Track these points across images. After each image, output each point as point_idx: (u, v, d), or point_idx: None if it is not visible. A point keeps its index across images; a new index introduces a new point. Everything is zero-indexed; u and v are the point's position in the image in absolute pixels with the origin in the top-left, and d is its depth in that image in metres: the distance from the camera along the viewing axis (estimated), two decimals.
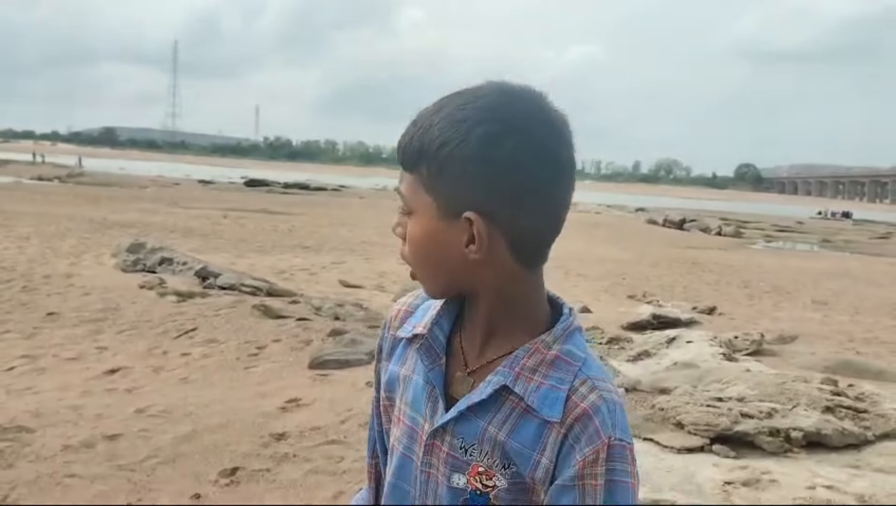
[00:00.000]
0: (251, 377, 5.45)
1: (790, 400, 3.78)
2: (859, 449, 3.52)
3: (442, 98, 0.91)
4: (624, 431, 0.88)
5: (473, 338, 0.97)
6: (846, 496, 3.06)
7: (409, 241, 0.93)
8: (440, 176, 0.88)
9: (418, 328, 1.00)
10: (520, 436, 0.90)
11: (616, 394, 0.91)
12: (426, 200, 0.90)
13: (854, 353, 7.40)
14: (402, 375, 1.02)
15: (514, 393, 0.90)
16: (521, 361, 0.91)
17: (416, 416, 0.98)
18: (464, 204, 0.87)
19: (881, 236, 35.90)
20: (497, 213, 0.87)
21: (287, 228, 18.75)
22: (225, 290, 8.41)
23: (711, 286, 13.27)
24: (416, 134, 0.90)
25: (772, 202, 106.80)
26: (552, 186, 0.89)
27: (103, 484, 3.69)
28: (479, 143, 0.86)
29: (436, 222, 0.90)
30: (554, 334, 0.92)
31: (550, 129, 0.89)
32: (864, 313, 10.99)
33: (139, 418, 4.51)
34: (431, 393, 0.96)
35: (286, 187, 42.59)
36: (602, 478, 0.86)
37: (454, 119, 0.87)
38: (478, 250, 0.88)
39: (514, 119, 0.87)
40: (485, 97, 0.88)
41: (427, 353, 0.98)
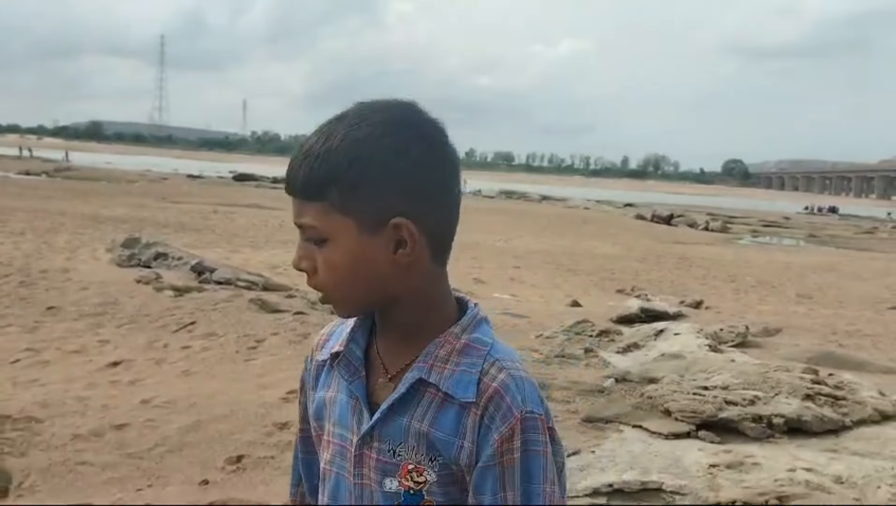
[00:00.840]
0: (251, 370, 5.59)
1: (772, 388, 3.96)
2: (837, 434, 3.70)
3: (324, 126, 0.95)
4: (534, 403, 0.92)
5: (389, 344, 1.00)
6: (824, 478, 3.23)
7: (327, 268, 0.94)
8: (356, 194, 0.90)
9: (336, 347, 1.03)
10: (441, 425, 0.93)
11: (523, 371, 0.95)
12: (343, 222, 0.91)
13: (837, 345, 7.60)
14: (328, 399, 1.04)
15: (430, 384, 0.94)
16: (434, 354, 0.95)
17: (343, 432, 1.00)
18: (387, 213, 0.91)
19: (867, 231, 36.31)
20: (418, 213, 0.92)
21: (278, 224, 18.84)
22: (221, 285, 8.53)
23: (699, 281, 13.49)
24: (315, 163, 0.91)
25: (759, 197, 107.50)
26: (453, 183, 0.96)
27: (114, 471, 3.83)
28: (389, 153, 0.90)
29: (359, 240, 0.92)
30: (461, 325, 0.97)
31: (439, 131, 0.96)
32: (848, 307, 11.23)
33: (145, 408, 4.65)
34: (355, 405, 0.99)
35: (275, 182, 42.59)
36: (518, 452, 0.91)
37: (354, 139, 0.91)
38: (410, 252, 0.92)
39: (411, 127, 0.93)
40: (374, 113, 0.93)
41: (346, 367, 1.00)
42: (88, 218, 15.20)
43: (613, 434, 3.97)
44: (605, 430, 4.08)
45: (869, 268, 17.93)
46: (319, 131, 0.94)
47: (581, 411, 4.40)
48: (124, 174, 40.82)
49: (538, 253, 15.87)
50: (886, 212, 61.73)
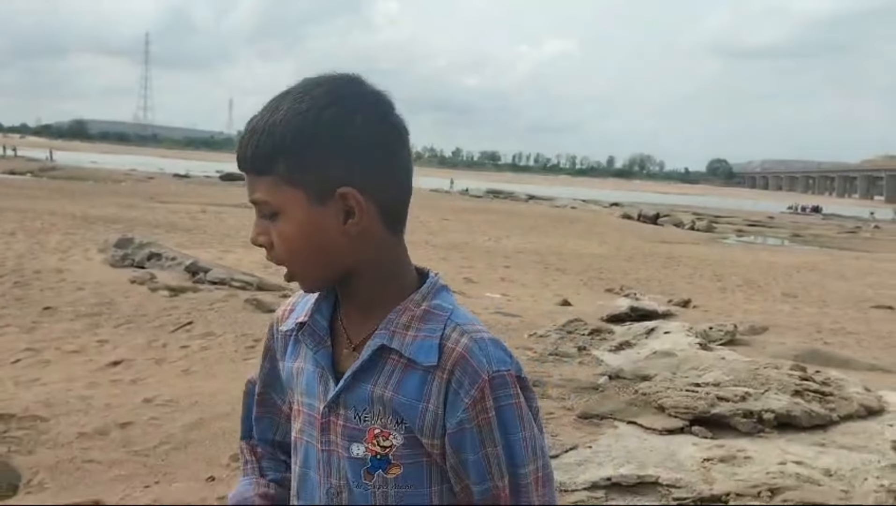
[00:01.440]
0: (251, 369, 5.64)
1: (762, 385, 4.09)
2: (825, 429, 3.84)
3: (270, 101, 0.96)
4: (500, 361, 0.95)
5: (352, 314, 1.02)
6: (814, 471, 3.36)
7: (282, 241, 0.96)
8: (302, 165, 0.92)
9: (300, 318, 1.05)
10: (405, 389, 0.95)
11: (485, 333, 0.97)
12: (292, 193, 0.93)
13: (822, 343, 7.77)
14: (295, 369, 1.06)
15: (393, 351, 0.96)
16: (395, 321, 0.97)
17: (311, 401, 1.02)
18: (333, 183, 0.93)
19: (849, 231, 36.71)
20: (365, 183, 0.93)
21: None
22: (215, 284, 8.58)
23: (686, 280, 13.65)
24: (262, 137, 0.93)
25: (743, 197, 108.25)
26: (401, 151, 0.98)
27: (121, 468, 3.91)
28: (332, 123, 0.92)
29: (308, 210, 0.93)
30: (422, 293, 0.99)
31: (384, 102, 0.97)
32: (832, 306, 11.42)
33: (148, 407, 4.72)
34: (322, 375, 1.01)
35: None
36: (492, 411, 0.93)
37: (298, 111, 0.92)
38: (358, 221, 0.94)
39: (354, 98, 0.94)
40: (317, 87, 0.95)
41: (311, 337, 1.02)
42: (79, 218, 15.18)
43: (609, 430, 4.09)
44: (601, 426, 4.20)
45: (852, 267, 18.18)
46: (265, 107, 0.96)
47: (576, 407, 4.51)
48: (110, 174, 40.59)
49: (527, 252, 15.99)
50: (869, 211, 62.39)
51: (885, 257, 22.05)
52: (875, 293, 12.95)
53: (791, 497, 3.15)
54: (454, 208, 30.90)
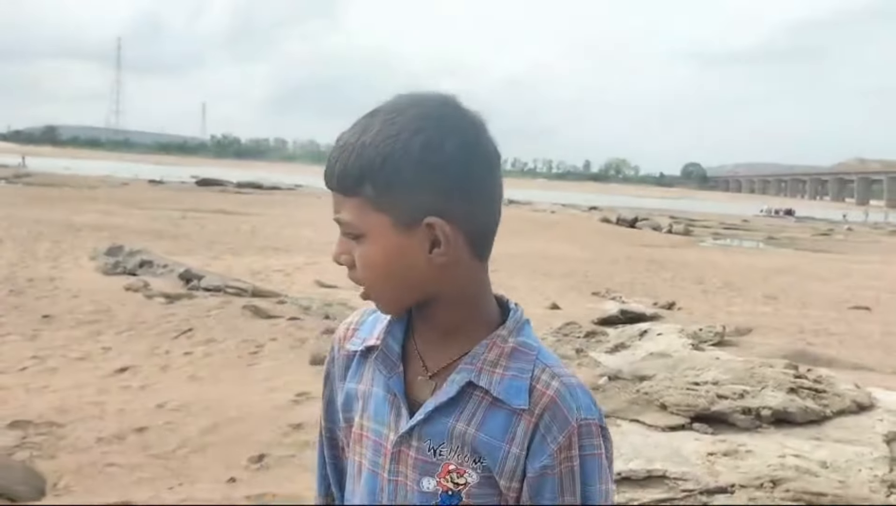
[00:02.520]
0: (256, 374, 5.77)
1: (759, 383, 4.28)
2: (820, 424, 4.04)
3: (360, 120, 0.93)
4: (588, 409, 0.93)
5: (430, 342, 0.98)
6: (811, 463, 3.55)
7: (364, 264, 0.93)
8: (390, 190, 0.89)
9: (370, 340, 1.01)
10: (488, 428, 0.92)
11: (573, 377, 0.96)
12: (378, 218, 0.90)
13: (806, 344, 8.03)
14: (361, 391, 1.02)
15: (478, 387, 0.93)
16: (482, 357, 0.94)
17: (379, 428, 0.98)
18: (420, 211, 0.89)
19: (823, 233, 37.40)
20: (453, 212, 0.90)
21: (249, 229, 18.89)
22: (210, 291, 8.66)
23: (668, 283, 13.91)
24: (350, 158, 0.91)
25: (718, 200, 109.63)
26: (491, 179, 0.94)
27: (142, 471, 4.01)
28: (421, 150, 0.88)
29: (394, 237, 0.90)
30: (508, 328, 0.96)
31: (476, 126, 0.93)
32: (812, 307, 11.73)
33: (161, 412, 4.81)
34: (393, 401, 0.97)
35: (239, 187, 42.33)
36: (576, 459, 0.91)
37: (388, 134, 0.89)
38: (445, 252, 0.90)
39: (446, 122, 0.91)
40: (408, 108, 0.91)
41: (383, 362, 0.99)
42: (64, 226, 15.12)
43: (612, 428, 4.25)
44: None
45: (828, 269, 18.60)
46: (355, 125, 0.93)
47: None
48: (86, 180, 40.25)
49: (512, 257, 16.16)
50: (842, 214, 63.51)
51: (859, 259, 22.56)
52: (853, 295, 13.30)
53: (792, 487, 3.34)
54: None
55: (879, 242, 33.57)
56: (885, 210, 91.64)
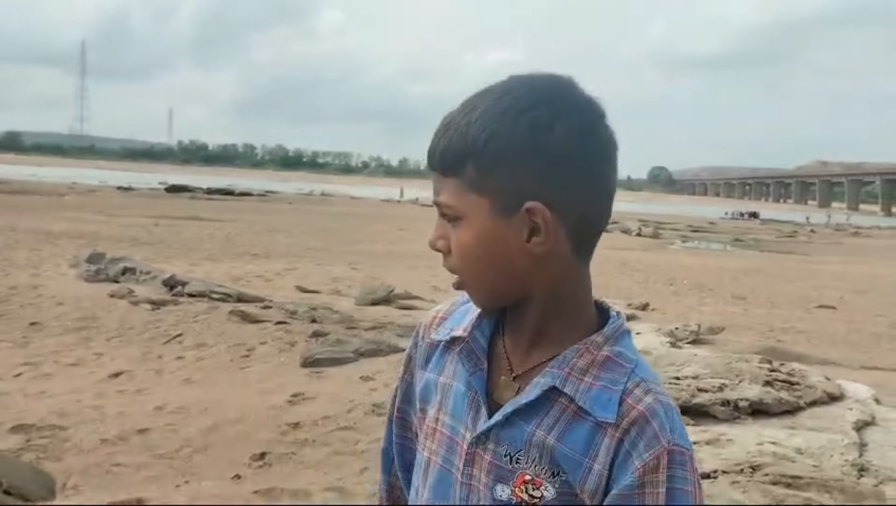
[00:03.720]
0: (250, 377, 5.90)
1: (736, 376, 4.54)
2: (794, 414, 4.30)
3: (469, 98, 0.89)
4: (682, 436, 0.85)
5: (519, 341, 0.92)
6: (787, 450, 3.80)
7: (459, 249, 0.88)
8: (491, 171, 0.85)
9: (457, 331, 0.96)
10: (570, 440, 0.85)
11: (670, 399, 0.87)
12: (477, 200, 0.86)
13: (776, 340, 8.36)
14: (440, 383, 0.96)
15: (563, 394, 0.86)
16: (571, 362, 0.87)
17: (455, 425, 0.93)
18: (522, 195, 0.84)
19: (787, 235, 38.24)
20: (557, 200, 0.84)
21: (224, 236, 18.89)
22: (195, 297, 8.74)
23: (640, 285, 14.23)
24: (454, 136, 0.86)
25: (684, 203, 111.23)
26: (603, 168, 0.87)
27: (148, 471, 4.14)
28: (529, 130, 0.83)
29: (492, 221, 0.85)
30: (604, 335, 0.88)
31: (593, 111, 0.87)
32: (780, 306, 12.11)
33: (160, 414, 4.94)
34: (473, 399, 0.91)
35: (210, 193, 42.11)
36: (663, 486, 0.82)
37: (496, 112, 0.84)
38: (544, 241, 0.85)
39: (558, 103, 0.85)
40: (519, 87, 0.86)
41: (468, 357, 0.93)
42: (41, 234, 15.01)
43: None
44: None
45: (794, 270, 19.11)
46: (464, 103, 0.88)
47: None
48: (53, 187, 39.76)
49: None
50: (805, 216, 64.88)
51: (823, 260, 23.18)
52: (818, 294, 13.73)
53: (770, 472, 3.57)
54: (409, 218, 31.22)
55: (842, 243, 34.46)
56: (847, 212, 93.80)
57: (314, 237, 20.14)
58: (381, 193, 61.50)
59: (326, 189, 62.74)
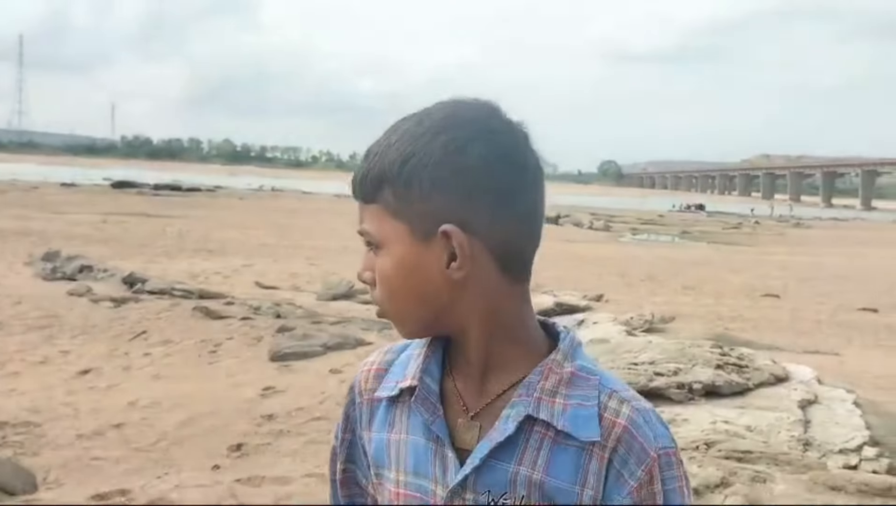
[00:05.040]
0: (219, 371, 5.99)
1: (689, 361, 4.81)
2: (743, 395, 4.59)
3: (393, 125, 0.86)
4: (665, 436, 0.83)
5: (469, 378, 0.87)
6: (738, 428, 4.08)
7: (380, 279, 0.84)
8: (407, 195, 0.82)
9: (405, 382, 0.89)
10: (557, 470, 0.81)
11: (645, 401, 0.85)
12: (395, 226, 0.83)
13: (724, 328, 8.73)
14: (393, 442, 0.89)
15: (539, 421, 0.81)
16: (538, 386, 0.82)
17: (422, 483, 0.86)
18: (438, 218, 0.81)
19: (733, 227, 39.29)
20: (474, 222, 0.81)
21: (175, 232, 18.70)
22: (155, 294, 8.75)
23: (594, 276, 14.59)
24: (373, 161, 0.84)
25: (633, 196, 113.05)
26: (524, 191, 0.84)
27: (128, 463, 4.23)
28: (443, 150, 0.81)
29: (410, 247, 0.82)
30: (562, 352, 0.84)
31: (511, 133, 0.85)
32: (727, 296, 12.58)
33: (134, 409, 5.01)
34: (438, 449, 0.85)
35: (157, 189, 41.40)
36: (659, 495, 0.82)
37: (413, 134, 0.83)
38: (461, 266, 0.81)
39: (475, 124, 0.83)
40: (439, 111, 0.85)
41: (423, 404, 0.87)
42: None
43: None
44: None
45: (739, 261, 19.75)
46: (388, 129, 0.86)
47: None
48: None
49: None
50: (750, 208, 66.60)
51: (767, 251, 23.97)
52: (763, 284, 14.26)
53: (723, 448, 3.84)
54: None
55: (785, 234, 35.56)
56: (790, 204, 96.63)
57: (268, 233, 20.08)
58: (333, 188, 61.17)
59: (277, 184, 62.20)
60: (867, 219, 64.00)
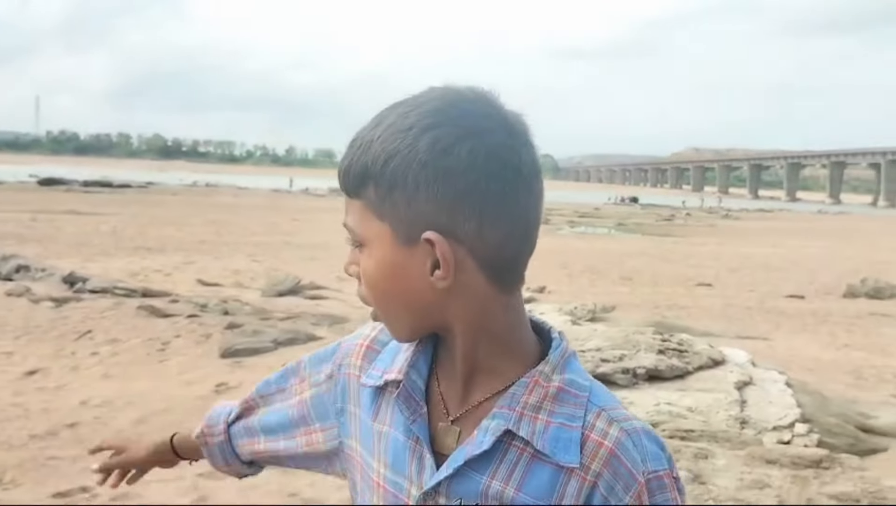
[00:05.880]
0: (169, 369, 5.97)
1: (633, 347, 5.05)
2: (684, 378, 4.84)
3: (380, 112, 0.81)
4: (656, 458, 0.78)
5: (452, 381, 0.84)
6: (680, 409, 4.33)
7: (365, 278, 0.81)
8: (390, 195, 0.77)
9: (391, 374, 0.86)
10: (531, 487, 0.78)
11: (635, 420, 0.80)
12: (379, 226, 0.79)
13: (661, 316, 9.07)
14: (376, 431, 0.88)
15: (517, 437, 0.78)
16: (522, 399, 0.79)
17: (398, 480, 0.84)
18: (421, 223, 0.76)
19: (666, 219, 40.32)
20: (460, 229, 0.76)
21: (110, 230, 18.31)
22: (97, 294, 8.60)
23: (537, 268, 14.70)
24: (357, 154, 0.79)
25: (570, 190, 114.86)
26: (516, 194, 0.78)
27: (85, 462, 4.14)
28: (428, 150, 0.75)
29: (393, 251, 0.78)
30: (552, 363, 0.80)
31: (506, 129, 0.78)
32: (663, 285, 13.02)
33: (86, 408, 4.98)
34: (415, 449, 0.83)
35: (87, 186, 40.27)
36: None
37: (398, 129, 0.77)
38: (445, 276, 0.77)
39: (465, 121, 0.77)
40: (429, 102, 0.78)
41: (405, 402, 0.84)
42: None
43: None
44: None
45: (673, 251, 20.38)
46: (374, 117, 0.81)
47: None
48: None
49: None
50: (682, 200, 68.43)
51: (699, 241, 24.76)
52: (696, 273, 14.79)
53: (667, 428, 4.07)
54: (300, 208, 31.07)
55: (715, 225, 36.70)
56: (719, 196, 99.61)
57: (206, 230, 19.81)
58: (270, 183, 60.48)
59: (211, 180, 61.05)
60: (792, 210, 66.51)
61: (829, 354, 7.80)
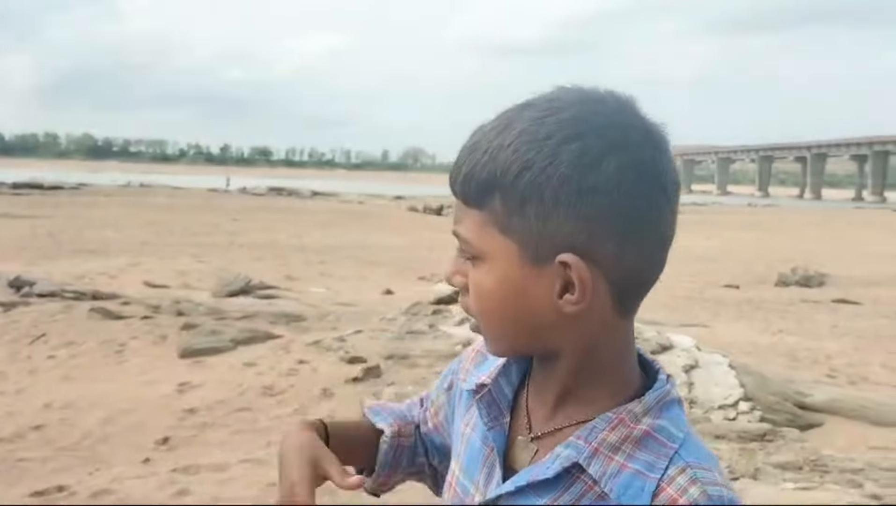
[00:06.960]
0: (129, 371, 5.97)
1: None
2: None
3: (505, 112, 0.75)
4: None
5: (543, 398, 0.80)
6: None
7: (477, 293, 0.76)
8: (521, 210, 0.71)
9: (482, 378, 0.84)
10: None
11: (722, 484, 0.72)
12: (502, 242, 0.73)
13: None
14: (463, 432, 0.87)
15: (586, 473, 0.73)
16: (601, 435, 0.73)
17: (466, 483, 0.83)
18: (556, 243, 0.70)
19: None
20: (598, 250, 0.70)
21: (46, 233, 17.88)
22: (45, 297, 8.46)
23: None
24: (481, 159, 0.73)
25: None
26: (660, 213, 0.73)
27: (56, 462, 4.25)
28: (572, 164, 0.69)
29: (517, 270, 0.73)
30: (645, 404, 0.74)
31: (653, 143, 0.73)
32: None
33: (50, 411, 4.98)
34: (488, 457, 0.81)
35: (17, 188, 38.97)
36: None
37: (535, 136, 0.71)
38: (579, 301, 0.71)
39: (611, 132, 0.71)
40: (569, 108, 0.72)
41: (488, 408, 0.82)
42: None
43: None
44: None
45: None
46: (499, 117, 0.75)
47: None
48: None
49: (334, 248, 16.74)
50: None
51: None
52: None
53: None
54: (240, 208, 30.70)
55: None
56: None
57: (146, 231, 19.50)
58: (206, 183, 59.38)
59: (144, 180, 59.61)
60: (724, 203, 68.58)
61: (765, 339, 8.24)
